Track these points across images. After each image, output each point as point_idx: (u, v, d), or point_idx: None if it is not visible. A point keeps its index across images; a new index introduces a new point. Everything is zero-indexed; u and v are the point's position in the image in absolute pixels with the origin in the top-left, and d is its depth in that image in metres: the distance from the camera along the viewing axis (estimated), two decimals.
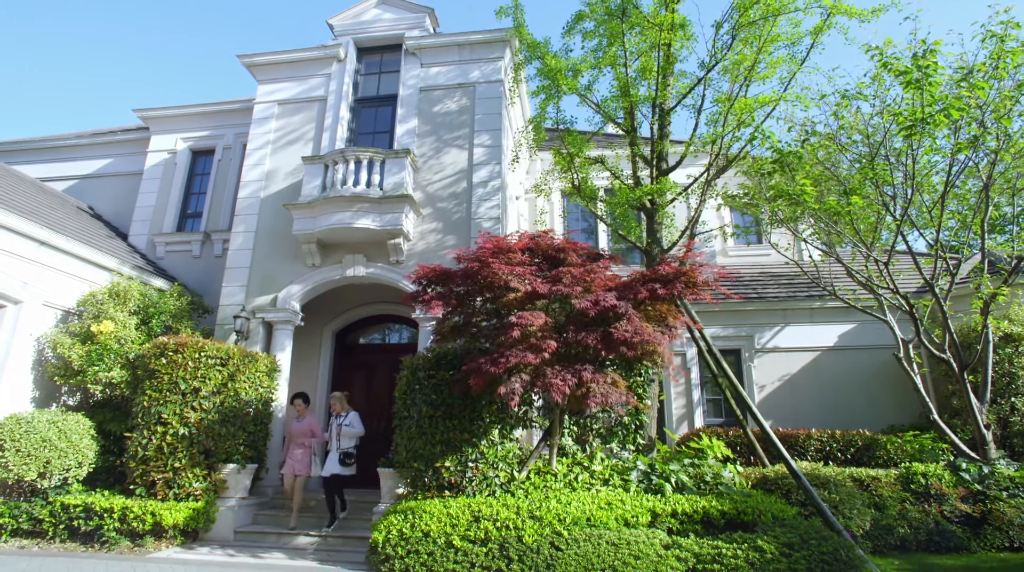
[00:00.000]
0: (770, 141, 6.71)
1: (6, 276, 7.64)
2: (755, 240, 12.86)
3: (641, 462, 7.25)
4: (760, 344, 10.76)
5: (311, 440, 8.06)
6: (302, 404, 8.28)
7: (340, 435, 7.78)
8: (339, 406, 8.07)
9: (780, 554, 5.47)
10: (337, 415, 7.99)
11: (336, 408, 8.08)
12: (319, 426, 8.39)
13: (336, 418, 7.96)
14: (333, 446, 7.76)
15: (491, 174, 9.74)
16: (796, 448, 8.89)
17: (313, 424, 8.23)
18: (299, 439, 7.98)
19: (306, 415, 8.23)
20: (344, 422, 7.84)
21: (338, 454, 7.66)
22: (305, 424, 8.11)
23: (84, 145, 13.35)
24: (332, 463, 7.65)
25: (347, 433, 7.78)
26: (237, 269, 9.87)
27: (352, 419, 7.91)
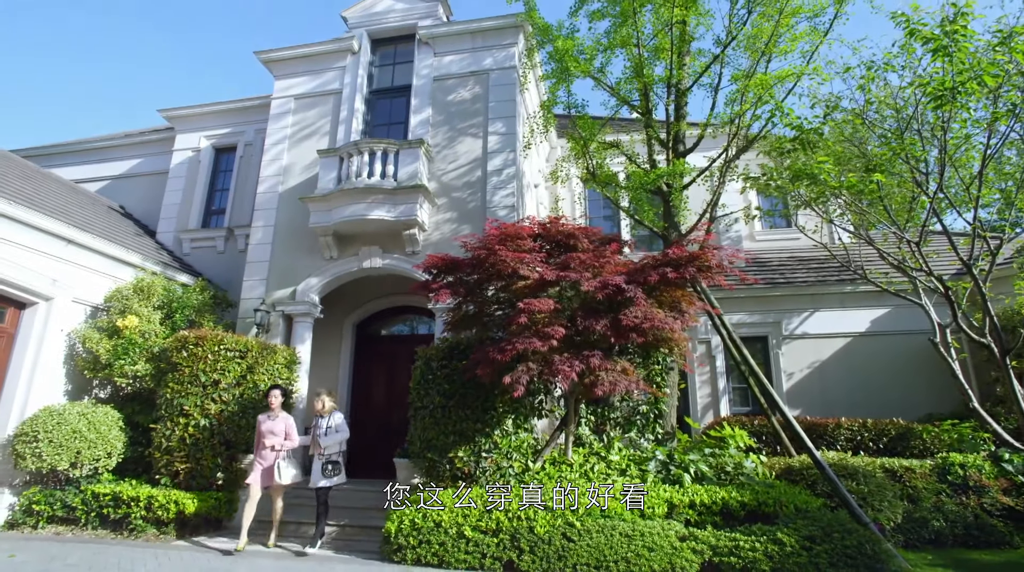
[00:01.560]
0: (789, 118, 6.39)
1: (36, 274, 7.90)
2: (783, 223, 12.42)
3: (659, 452, 7.09)
4: (788, 331, 10.40)
5: (284, 443, 6.84)
6: (276, 398, 7.03)
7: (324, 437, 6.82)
8: (322, 405, 7.02)
9: (800, 547, 5.27)
10: (320, 416, 6.99)
11: (319, 408, 7.01)
12: (294, 427, 7.12)
13: (319, 419, 7.01)
14: (316, 452, 6.79)
15: (505, 162, 9.62)
16: (825, 437, 8.58)
17: (288, 424, 7.00)
18: (270, 441, 6.76)
19: (280, 412, 7.02)
20: (328, 425, 6.87)
21: (321, 462, 6.71)
22: (278, 424, 6.89)
23: (115, 146, 13.74)
24: (315, 473, 6.78)
25: (330, 440, 6.79)
26: (257, 263, 10.02)
27: (337, 421, 6.94)
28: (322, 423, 6.91)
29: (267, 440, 6.72)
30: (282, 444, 6.85)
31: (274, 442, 6.72)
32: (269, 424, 6.87)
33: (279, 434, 6.84)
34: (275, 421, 6.90)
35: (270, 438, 6.73)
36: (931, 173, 6.94)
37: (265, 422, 6.91)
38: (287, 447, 6.86)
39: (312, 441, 6.94)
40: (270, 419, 6.92)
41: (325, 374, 10.54)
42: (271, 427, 6.85)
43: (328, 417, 6.93)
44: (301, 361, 9.24)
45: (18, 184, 8.93)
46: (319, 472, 6.69)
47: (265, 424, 6.88)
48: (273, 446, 6.70)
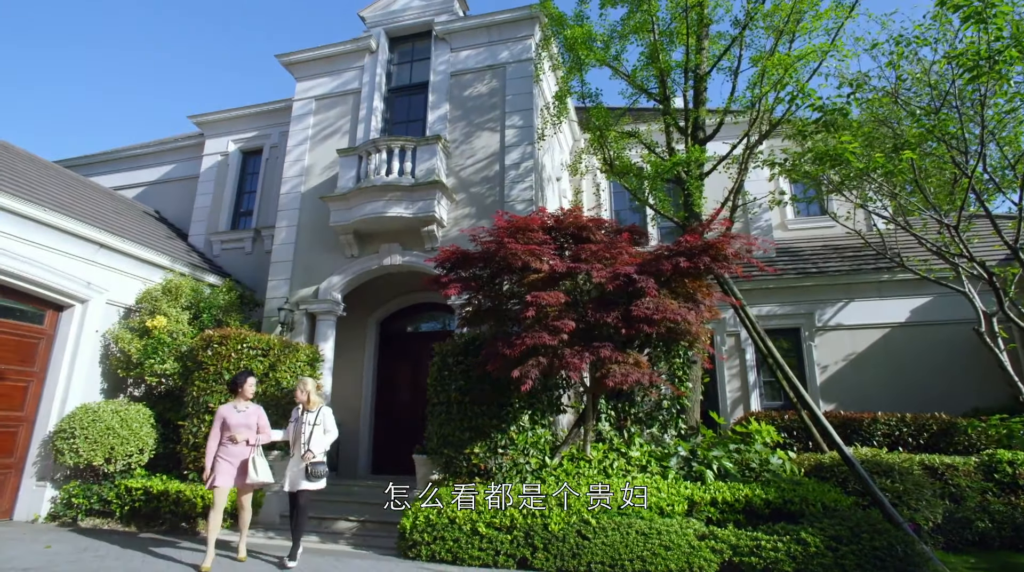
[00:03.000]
0: (811, 99, 6.08)
1: (72, 278, 8.21)
2: (817, 211, 11.94)
3: (682, 448, 6.90)
4: (821, 322, 9.99)
5: (258, 437, 5.93)
6: (251, 387, 6.13)
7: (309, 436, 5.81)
8: (307, 397, 6.00)
9: (826, 547, 5.02)
10: (306, 410, 5.99)
11: (302, 399, 6.00)
12: (266, 419, 6.12)
13: (301, 412, 6.02)
14: (297, 451, 5.83)
15: (523, 155, 9.51)
16: (860, 433, 8.20)
17: (260, 416, 6.05)
18: (244, 435, 5.79)
19: (250, 403, 6.12)
20: (316, 423, 5.88)
21: (302, 461, 5.74)
22: (250, 415, 5.94)
23: (149, 153, 14.21)
24: (296, 474, 5.78)
25: (319, 444, 5.82)
26: (281, 263, 10.19)
27: (327, 420, 5.98)
28: (307, 419, 5.88)
29: (240, 433, 5.75)
30: (257, 439, 5.91)
31: (248, 436, 5.80)
32: (240, 417, 5.87)
33: (252, 427, 5.91)
34: (246, 413, 5.94)
35: (243, 432, 5.78)
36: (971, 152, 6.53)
37: (234, 414, 5.86)
38: (261, 441, 5.96)
39: (292, 437, 5.96)
40: (238, 410, 5.91)
41: (350, 370, 10.68)
42: (243, 420, 5.86)
43: (316, 412, 5.92)
44: (324, 358, 9.36)
45: (56, 192, 9.30)
46: (300, 473, 5.71)
47: (235, 416, 5.84)
48: (248, 440, 5.79)
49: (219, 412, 5.91)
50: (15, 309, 7.97)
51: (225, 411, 5.90)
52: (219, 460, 5.69)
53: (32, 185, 8.74)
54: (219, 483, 5.62)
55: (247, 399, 6.08)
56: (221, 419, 5.84)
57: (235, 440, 5.73)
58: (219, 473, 5.64)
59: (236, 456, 5.75)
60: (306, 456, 5.70)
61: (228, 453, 5.73)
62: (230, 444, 5.74)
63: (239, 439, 5.73)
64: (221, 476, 5.63)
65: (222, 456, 5.71)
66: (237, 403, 5.99)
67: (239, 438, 5.73)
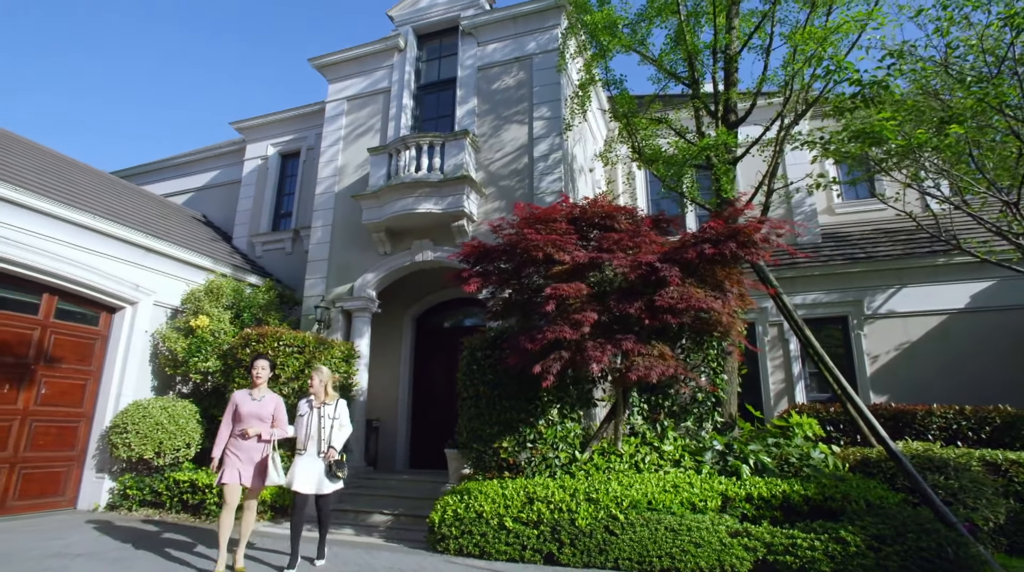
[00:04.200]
0: (847, 73, 5.71)
1: (122, 282, 8.63)
2: (866, 193, 11.33)
3: (717, 442, 6.67)
4: (871, 309, 9.46)
5: (273, 431, 5.23)
6: (264, 370, 5.37)
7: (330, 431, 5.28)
8: (322, 386, 5.45)
9: (867, 547, 4.74)
10: (323, 403, 5.42)
11: (318, 389, 5.42)
12: (284, 411, 5.41)
13: (316, 405, 5.40)
14: (311, 447, 5.22)
15: (551, 146, 9.39)
16: (913, 426, 7.72)
17: (277, 406, 5.33)
18: (256, 428, 5.08)
19: (266, 391, 5.37)
20: (335, 416, 5.38)
21: (324, 461, 5.20)
22: (265, 405, 5.23)
23: (196, 161, 14.81)
24: (317, 475, 5.18)
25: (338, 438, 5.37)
26: (317, 262, 10.42)
27: (342, 413, 5.49)
28: (326, 412, 5.36)
29: (251, 426, 5.02)
30: (272, 433, 5.18)
31: (261, 429, 5.06)
32: (253, 405, 5.13)
33: (266, 419, 5.18)
34: (261, 402, 5.19)
35: (255, 424, 5.04)
36: None
37: (247, 402, 5.13)
38: (276, 437, 5.25)
39: (305, 433, 5.29)
40: (253, 399, 5.17)
41: (387, 366, 10.85)
42: (256, 409, 5.11)
43: (334, 405, 5.46)
44: (360, 355, 9.52)
45: (109, 200, 9.79)
46: (321, 474, 5.18)
47: (247, 405, 5.10)
48: (260, 435, 5.07)
49: (233, 397, 5.24)
50: (74, 312, 8.44)
51: (239, 397, 5.21)
52: (228, 454, 5.06)
53: (87, 195, 9.24)
54: (227, 479, 4.99)
55: (259, 385, 5.33)
56: (234, 406, 5.19)
57: (246, 435, 5.02)
58: (226, 468, 5.02)
59: (245, 450, 5.08)
60: (329, 454, 5.22)
61: (237, 447, 5.07)
62: (240, 438, 5.05)
63: (250, 433, 5.01)
64: (228, 472, 5.00)
65: (232, 449, 5.07)
66: (253, 391, 5.29)
67: (250, 432, 5.01)
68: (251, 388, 5.35)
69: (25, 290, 7.81)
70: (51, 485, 7.97)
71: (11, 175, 7.85)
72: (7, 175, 7.74)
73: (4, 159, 8.46)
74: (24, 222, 7.51)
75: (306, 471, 5.17)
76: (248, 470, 5.06)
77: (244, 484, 5.08)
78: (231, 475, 5.01)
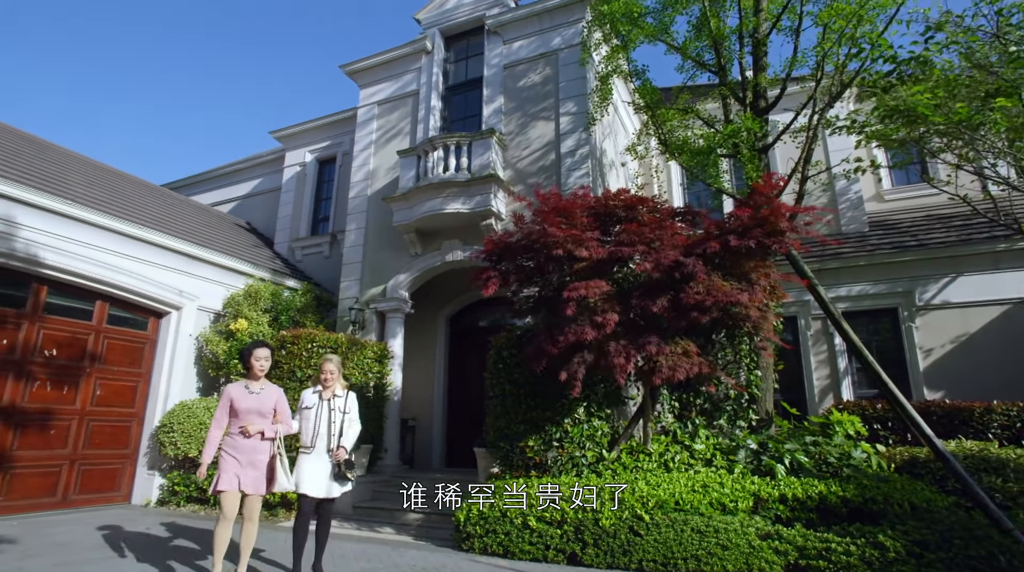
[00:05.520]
0: (883, 50, 5.37)
1: (167, 288, 9.06)
2: (918, 178, 10.69)
3: (751, 440, 6.42)
4: (923, 300, 8.91)
5: (277, 428, 4.50)
6: (264, 361, 4.62)
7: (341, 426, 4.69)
8: (334, 376, 4.82)
9: (908, 553, 4.45)
10: (334, 395, 4.80)
11: (328, 380, 4.79)
12: (287, 404, 4.70)
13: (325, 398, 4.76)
14: (320, 444, 4.62)
15: (578, 142, 9.28)
16: (971, 424, 7.21)
17: (279, 400, 4.62)
18: (258, 425, 4.38)
19: (265, 382, 4.64)
20: (345, 410, 4.76)
21: (333, 460, 4.60)
22: (266, 398, 4.51)
23: (240, 170, 15.39)
24: (323, 476, 4.57)
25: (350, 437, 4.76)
26: (352, 264, 10.64)
27: (352, 404, 4.86)
28: (336, 405, 4.72)
29: (253, 423, 4.33)
30: (276, 429, 4.47)
31: (263, 427, 4.37)
32: (252, 400, 4.42)
33: (268, 415, 4.48)
34: (261, 395, 4.48)
35: (256, 421, 4.36)
36: None
37: (244, 397, 4.41)
38: (283, 433, 4.54)
39: (312, 429, 4.66)
40: (251, 392, 4.47)
41: (421, 365, 10.96)
42: (256, 404, 4.41)
43: (345, 398, 4.83)
44: (394, 355, 9.67)
45: (156, 211, 10.28)
46: (328, 475, 4.59)
47: (245, 399, 4.39)
48: (263, 432, 4.37)
49: (227, 392, 4.46)
50: (125, 317, 8.91)
51: (234, 391, 4.46)
52: (224, 456, 4.30)
53: (136, 206, 9.73)
54: (223, 486, 4.21)
55: (259, 378, 4.58)
56: (228, 401, 4.41)
57: (247, 432, 4.30)
58: (223, 472, 4.24)
59: (245, 452, 4.32)
60: (338, 453, 4.56)
61: (236, 447, 4.32)
62: (238, 437, 4.32)
63: (251, 431, 4.30)
64: (225, 477, 4.22)
65: (228, 451, 4.31)
66: (250, 382, 4.53)
67: (251, 430, 4.30)
68: (248, 379, 4.55)
69: (80, 298, 8.29)
70: (107, 481, 8.44)
71: (68, 191, 8.35)
72: (64, 191, 8.24)
73: (62, 176, 9.01)
74: (79, 234, 7.97)
75: (314, 472, 4.54)
76: (249, 474, 4.28)
77: (244, 491, 4.27)
78: (228, 481, 4.21)
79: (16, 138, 9.75)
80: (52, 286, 7.90)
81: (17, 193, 7.32)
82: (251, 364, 4.55)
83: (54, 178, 8.61)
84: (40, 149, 9.91)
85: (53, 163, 9.44)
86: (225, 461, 4.31)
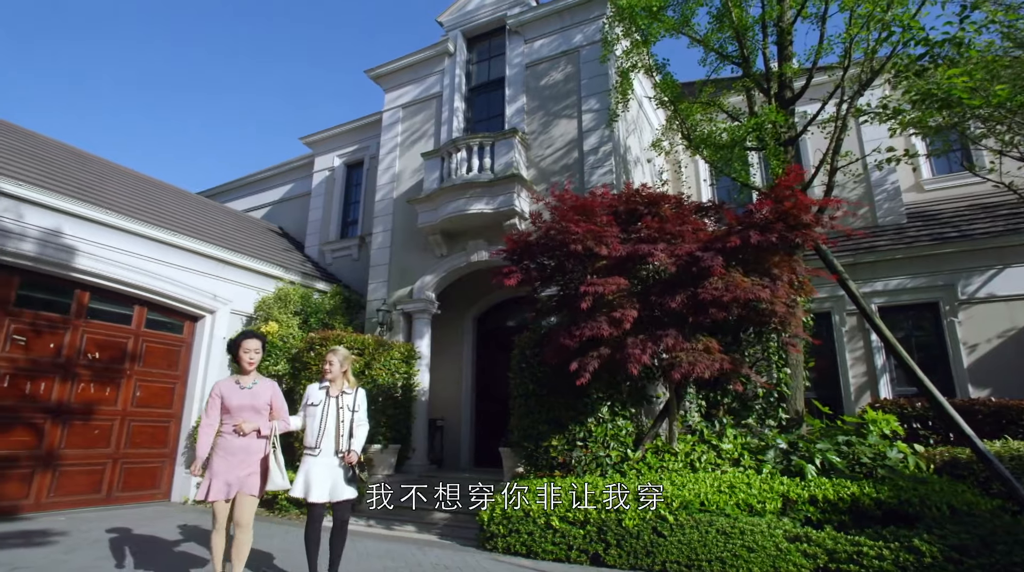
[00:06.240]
0: (912, 32, 5.13)
1: (201, 293, 9.34)
2: (959, 167, 10.22)
3: (780, 440, 6.25)
4: (966, 294, 8.51)
5: (274, 424, 4.10)
6: (256, 354, 4.18)
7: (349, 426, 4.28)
8: (340, 370, 4.40)
9: (945, 559, 4.25)
10: (342, 392, 4.38)
11: (334, 374, 4.36)
12: (283, 400, 4.29)
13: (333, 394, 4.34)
14: (326, 444, 4.21)
15: (601, 139, 9.19)
16: (1019, 424, 6.87)
17: (274, 394, 4.20)
18: (253, 422, 3.97)
19: (257, 376, 4.21)
20: (354, 408, 4.36)
21: (343, 462, 4.22)
22: (260, 393, 4.09)
23: (271, 176, 15.77)
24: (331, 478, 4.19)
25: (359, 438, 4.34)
26: (379, 266, 10.78)
27: (361, 401, 4.46)
28: (344, 403, 4.32)
29: (247, 421, 3.93)
30: (272, 426, 4.07)
31: (259, 424, 3.98)
32: (244, 395, 4.00)
33: (262, 410, 4.06)
34: (254, 390, 4.07)
35: (251, 417, 3.96)
36: None
37: (236, 393, 4.00)
38: (279, 430, 4.14)
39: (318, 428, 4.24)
40: (243, 387, 4.05)
41: (448, 368, 11.01)
42: (249, 400, 4.00)
43: (354, 395, 4.42)
44: (421, 356, 9.75)
45: (190, 217, 10.63)
46: (338, 477, 4.21)
47: (236, 396, 3.98)
48: (259, 430, 3.98)
49: (216, 389, 4.05)
50: (162, 321, 9.23)
51: (224, 388, 4.04)
52: (215, 459, 3.89)
53: (170, 213, 10.07)
54: (213, 495, 3.82)
55: (249, 372, 4.16)
56: (218, 399, 3.99)
57: (241, 431, 3.90)
58: (213, 479, 3.84)
59: (238, 453, 3.92)
60: (350, 458, 4.20)
61: (227, 450, 3.91)
62: (231, 436, 3.92)
63: (246, 429, 3.91)
64: (215, 486, 3.82)
65: (217, 453, 3.91)
66: (240, 377, 4.14)
67: (246, 428, 3.91)
68: (239, 374, 4.17)
69: (120, 303, 8.62)
70: (148, 479, 8.75)
71: (107, 200, 8.71)
72: (104, 201, 8.59)
73: (102, 186, 9.40)
74: (118, 242, 8.29)
75: (320, 475, 4.16)
76: (240, 474, 3.88)
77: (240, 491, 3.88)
78: (218, 489, 3.82)
79: (61, 151, 10.22)
80: (93, 292, 8.24)
81: (61, 204, 7.67)
82: (239, 356, 4.11)
83: (94, 188, 8.99)
84: (83, 161, 10.35)
85: (94, 174, 9.85)
86: (215, 466, 3.87)
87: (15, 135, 9.62)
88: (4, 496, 7.12)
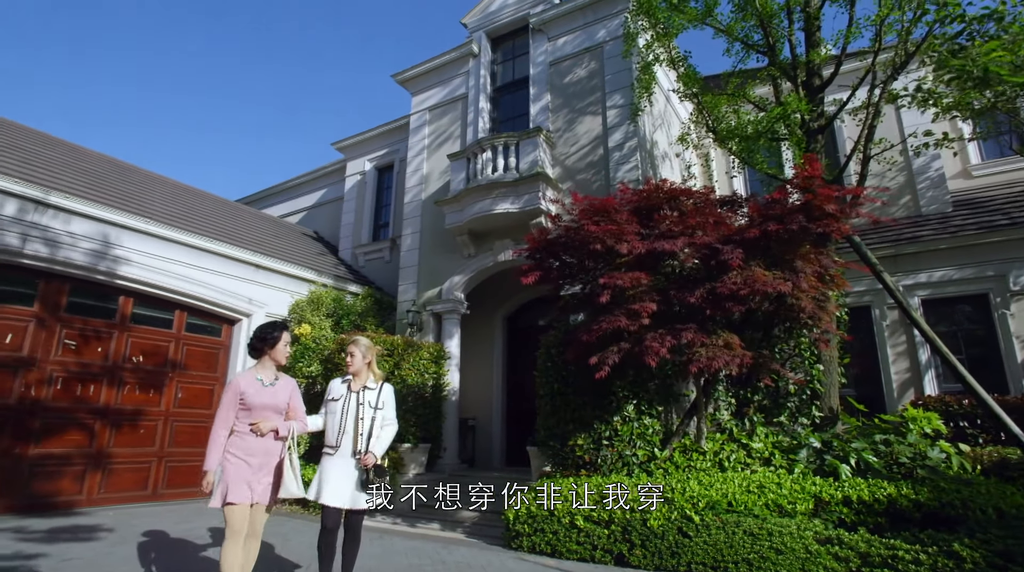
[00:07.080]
0: (948, 9, 4.88)
1: (237, 297, 9.66)
2: (1010, 152, 9.67)
3: (813, 439, 6.05)
4: (1019, 284, 8.04)
5: (292, 425, 3.72)
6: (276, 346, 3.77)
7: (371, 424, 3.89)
8: (363, 363, 4.05)
9: (988, 565, 4.03)
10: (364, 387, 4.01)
11: (356, 368, 4.02)
12: (300, 399, 3.92)
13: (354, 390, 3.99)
14: (346, 444, 3.86)
15: (626, 135, 9.08)
16: None
17: (292, 393, 3.84)
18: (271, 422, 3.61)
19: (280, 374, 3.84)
20: (377, 406, 3.96)
21: (359, 465, 3.80)
22: (279, 392, 3.72)
23: (306, 182, 16.17)
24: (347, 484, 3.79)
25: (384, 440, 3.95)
26: (408, 268, 10.92)
27: (387, 398, 4.05)
28: (366, 399, 3.94)
29: (265, 420, 3.59)
30: (290, 427, 3.72)
31: (278, 424, 3.64)
32: (267, 393, 3.65)
33: (282, 411, 3.74)
34: (275, 389, 3.71)
35: (269, 417, 3.62)
36: None
37: (258, 391, 3.63)
38: (298, 432, 3.78)
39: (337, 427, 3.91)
40: (265, 384, 3.68)
41: (479, 367, 11.06)
42: (270, 398, 3.65)
43: (377, 391, 4.02)
44: (451, 356, 9.82)
45: (225, 224, 11.00)
46: (354, 483, 3.80)
47: (259, 394, 3.61)
48: (277, 431, 3.63)
49: (233, 384, 3.64)
50: (201, 325, 9.58)
51: (245, 383, 3.63)
52: (233, 461, 3.50)
53: (207, 220, 10.45)
54: (235, 497, 3.41)
55: (277, 368, 3.82)
56: (237, 396, 3.59)
57: (259, 431, 3.56)
58: (232, 482, 3.44)
59: (255, 454, 3.57)
60: (366, 459, 3.77)
61: (245, 449, 3.54)
62: (249, 436, 3.57)
63: (264, 429, 3.57)
64: (236, 488, 3.43)
65: (237, 454, 3.52)
66: (263, 372, 3.73)
67: (265, 428, 3.57)
68: (259, 369, 3.75)
69: (161, 308, 9.00)
70: (190, 477, 9.08)
71: (148, 209, 9.10)
72: (145, 210, 8.98)
73: (142, 196, 9.82)
74: (158, 249, 8.65)
75: (339, 478, 3.79)
76: (262, 481, 3.57)
77: (259, 501, 3.55)
78: (240, 492, 3.44)
79: (103, 162, 10.72)
80: (137, 298, 8.62)
81: (106, 214, 8.06)
82: (278, 350, 3.76)
83: (136, 198, 9.39)
84: (124, 172, 10.84)
85: (135, 184, 10.29)
86: (234, 467, 3.48)
87: (60, 148, 10.14)
88: (62, 492, 7.56)
